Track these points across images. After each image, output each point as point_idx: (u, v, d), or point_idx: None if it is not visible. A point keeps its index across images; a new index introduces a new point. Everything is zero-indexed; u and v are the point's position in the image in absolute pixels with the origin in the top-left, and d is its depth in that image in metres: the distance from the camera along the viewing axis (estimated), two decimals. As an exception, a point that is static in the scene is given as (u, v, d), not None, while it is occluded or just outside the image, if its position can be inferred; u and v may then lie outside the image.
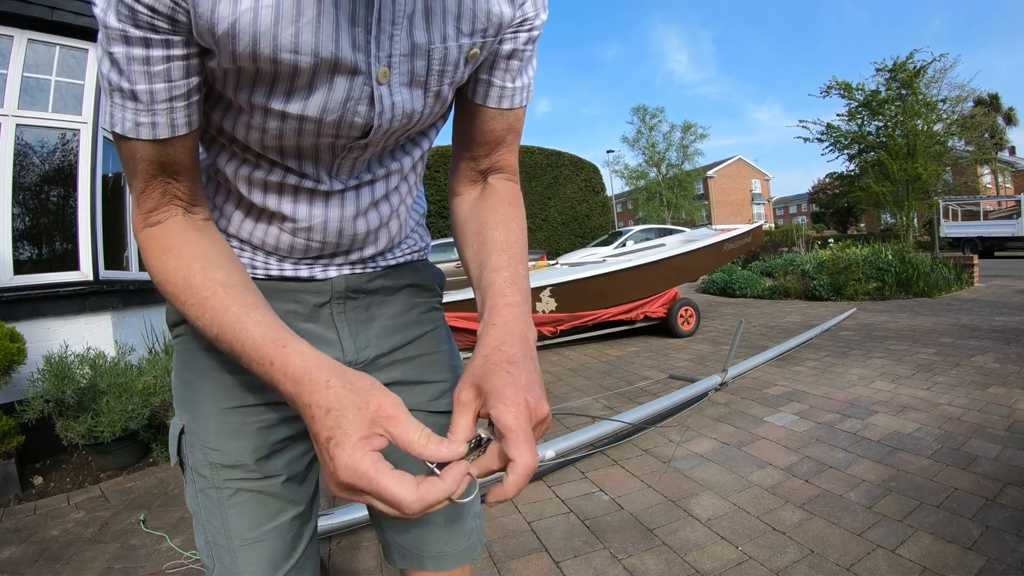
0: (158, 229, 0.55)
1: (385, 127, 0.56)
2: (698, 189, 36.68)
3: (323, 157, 0.58)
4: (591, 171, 18.86)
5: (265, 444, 0.64)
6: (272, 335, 0.50)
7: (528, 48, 0.61)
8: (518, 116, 0.66)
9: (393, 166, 0.64)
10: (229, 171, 0.60)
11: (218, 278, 0.53)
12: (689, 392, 3.07)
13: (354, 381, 0.47)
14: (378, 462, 0.43)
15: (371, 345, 0.70)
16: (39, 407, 2.64)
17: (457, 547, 0.73)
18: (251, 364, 0.50)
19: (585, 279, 5.26)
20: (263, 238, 0.64)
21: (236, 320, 0.51)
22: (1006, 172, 29.02)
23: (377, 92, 0.53)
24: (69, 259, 3.58)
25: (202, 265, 0.53)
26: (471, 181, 0.71)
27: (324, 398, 0.45)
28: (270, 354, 0.49)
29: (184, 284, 0.53)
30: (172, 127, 0.49)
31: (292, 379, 0.47)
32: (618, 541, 1.84)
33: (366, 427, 0.44)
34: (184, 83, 0.48)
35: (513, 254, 0.64)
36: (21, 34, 3.26)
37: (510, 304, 0.58)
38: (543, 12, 0.60)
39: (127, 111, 0.48)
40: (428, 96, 0.57)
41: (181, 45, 0.46)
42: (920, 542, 1.66)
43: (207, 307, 0.52)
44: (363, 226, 0.65)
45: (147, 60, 0.45)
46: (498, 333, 0.54)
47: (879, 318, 5.90)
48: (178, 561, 1.90)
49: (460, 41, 0.54)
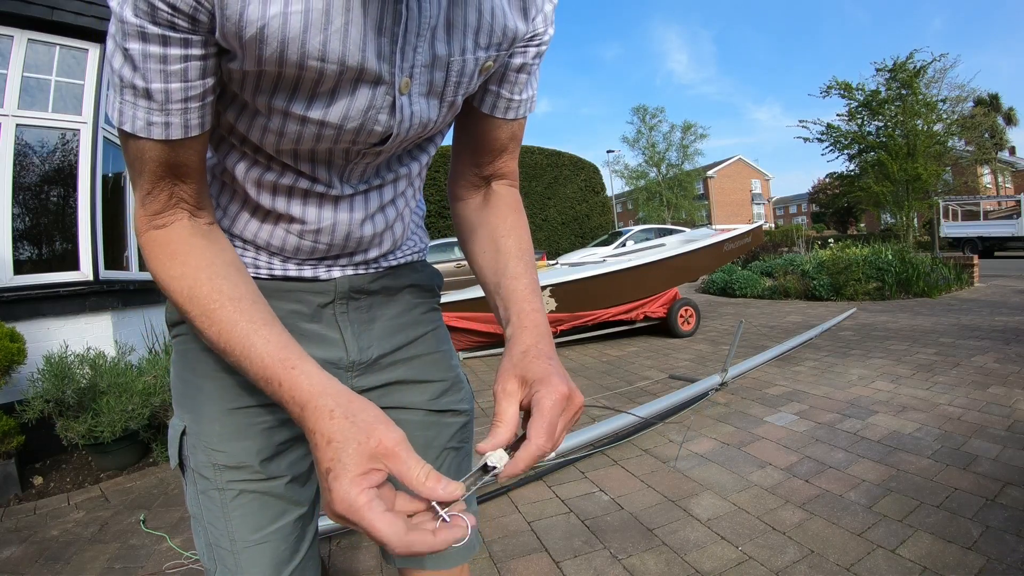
0: (163, 232, 0.55)
1: (403, 135, 0.58)
2: (698, 189, 36.67)
3: (336, 162, 0.59)
4: (591, 171, 18.87)
5: (269, 445, 0.64)
6: (281, 355, 0.50)
7: (535, 62, 0.64)
8: (521, 125, 0.69)
9: (402, 171, 0.65)
10: (239, 172, 0.59)
11: (225, 290, 0.52)
12: (689, 392, 3.07)
13: (357, 413, 0.47)
14: (372, 500, 0.43)
15: (374, 345, 0.71)
16: (39, 407, 2.64)
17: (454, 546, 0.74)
18: (258, 382, 0.50)
19: (585, 279, 5.26)
20: (268, 239, 0.64)
21: (244, 336, 0.50)
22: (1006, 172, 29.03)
23: (399, 102, 0.54)
24: (69, 259, 3.58)
25: (208, 276, 0.53)
26: (474, 186, 0.73)
27: (327, 428, 0.45)
28: (279, 375, 0.49)
29: (188, 294, 0.52)
30: (185, 128, 0.49)
31: (299, 403, 0.48)
32: (618, 541, 1.84)
33: (365, 463, 0.44)
34: (200, 84, 0.48)
35: (528, 262, 0.67)
36: (21, 34, 3.26)
37: (536, 310, 0.62)
38: (551, 28, 0.62)
39: (139, 109, 0.47)
40: (443, 106, 0.59)
41: (200, 45, 0.45)
42: (920, 542, 1.66)
43: (214, 320, 0.51)
44: (370, 229, 0.66)
45: (164, 59, 0.45)
46: (532, 335, 0.58)
47: (879, 318, 5.90)
48: (178, 561, 1.90)
49: (477, 54, 0.56)
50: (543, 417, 0.50)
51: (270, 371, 0.49)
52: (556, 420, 0.51)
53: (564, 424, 0.52)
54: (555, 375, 0.53)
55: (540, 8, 0.59)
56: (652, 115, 33.90)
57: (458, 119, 0.69)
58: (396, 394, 0.73)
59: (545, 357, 0.55)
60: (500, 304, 0.64)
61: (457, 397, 0.77)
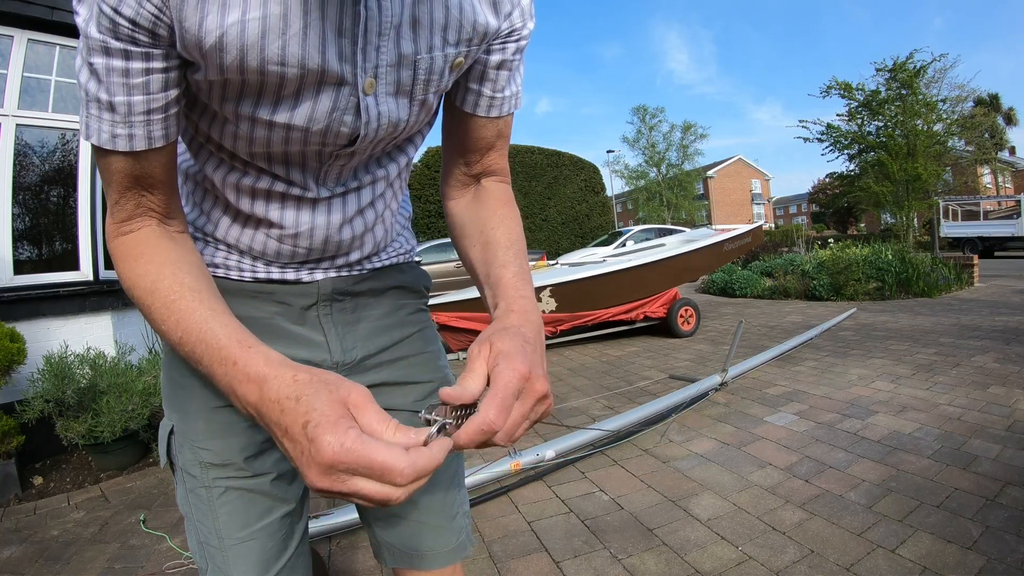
0: (131, 237, 0.55)
1: (371, 136, 0.57)
2: (698, 189, 36.68)
3: (310, 164, 0.59)
4: (591, 171, 18.84)
5: (253, 443, 0.65)
6: (238, 336, 0.49)
7: (516, 58, 0.63)
8: (507, 123, 0.68)
9: (379, 173, 0.65)
10: (217, 178, 0.60)
11: (187, 283, 0.52)
12: (689, 392, 3.07)
13: (320, 374, 0.46)
14: (362, 434, 0.41)
15: (358, 346, 0.71)
16: (39, 407, 2.64)
17: (447, 545, 0.74)
18: (212, 365, 0.48)
19: (585, 279, 5.26)
20: (250, 244, 0.64)
21: (202, 321, 0.50)
22: (1006, 172, 29.02)
23: (363, 102, 0.54)
24: (69, 259, 3.58)
25: (172, 271, 0.53)
26: (464, 185, 0.73)
27: (293, 390, 0.44)
28: (234, 354, 0.47)
29: (151, 288, 0.52)
30: (149, 140, 0.49)
31: (257, 378, 0.45)
32: (618, 541, 1.84)
33: (341, 408, 0.43)
34: (163, 96, 0.48)
35: (517, 251, 0.66)
36: (21, 34, 3.26)
37: (525, 297, 0.60)
38: (530, 21, 0.61)
39: (103, 122, 0.48)
40: (413, 104, 0.58)
41: (161, 58, 0.47)
42: (920, 542, 1.66)
43: (173, 310, 0.51)
44: (348, 233, 0.66)
45: (126, 72, 0.46)
46: (518, 318, 0.56)
47: (879, 318, 5.90)
48: (178, 561, 1.90)
49: (446, 51, 0.55)
50: (496, 392, 0.46)
51: (226, 351, 0.48)
52: (510, 398, 0.47)
53: (522, 411, 0.48)
54: (520, 354, 0.49)
55: (516, 2, 0.58)
56: (652, 115, 33.92)
57: (444, 119, 0.69)
58: (382, 396, 0.73)
59: (521, 338, 0.52)
60: (489, 293, 0.64)
61: None
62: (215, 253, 0.66)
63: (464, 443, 0.45)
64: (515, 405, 0.48)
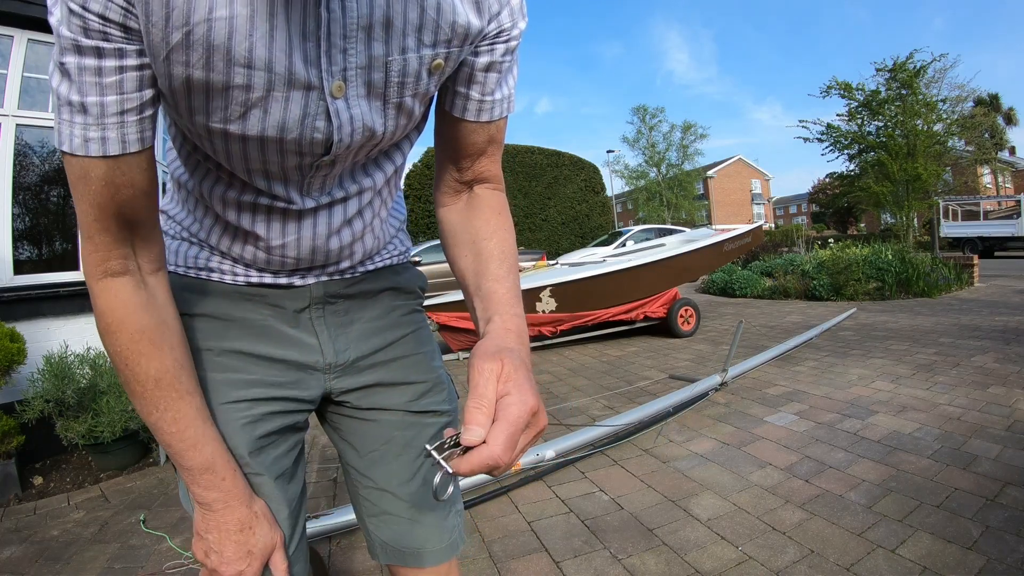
0: (112, 288, 0.54)
1: (347, 142, 0.56)
2: (698, 189, 36.64)
3: (292, 176, 0.58)
4: (591, 171, 18.85)
5: (252, 439, 0.65)
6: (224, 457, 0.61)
7: (506, 59, 0.60)
8: (499, 127, 0.65)
9: (366, 183, 0.64)
10: (205, 189, 0.60)
11: (165, 380, 0.57)
12: (689, 392, 3.07)
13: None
14: None
15: (351, 348, 0.71)
16: (39, 407, 2.64)
17: (440, 543, 0.75)
18: (196, 466, 0.59)
19: (585, 279, 5.26)
20: (240, 253, 0.65)
21: (201, 432, 0.59)
22: (1006, 172, 29.00)
23: (332, 107, 0.52)
24: (69, 259, 3.59)
25: (148, 359, 0.56)
26: (456, 192, 0.71)
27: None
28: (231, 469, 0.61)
29: (130, 369, 0.56)
30: (123, 143, 0.47)
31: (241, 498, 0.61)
32: (618, 541, 1.84)
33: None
34: (137, 96, 0.47)
35: (510, 265, 0.66)
36: (21, 34, 3.26)
37: (518, 315, 0.61)
38: (521, 21, 0.59)
39: (75, 126, 0.46)
40: (389, 108, 0.56)
41: (134, 55, 0.45)
42: (920, 542, 1.66)
43: (168, 407, 0.57)
44: (336, 243, 0.65)
45: (99, 71, 0.44)
46: (516, 339, 0.57)
47: (879, 318, 5.90)
48: (178, 561, 1.90)
49: (421, 52, 0.53)
50: (508, 425, 0.47)
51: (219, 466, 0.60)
52: (518, 434, 0.48)
53: (525, 442, 0.50)
54: (528, 384, 0.50)
55: (504, 2, 0.56)
56: (652, 115, 33.88)
57: (435, 124, 0.67)
58: (376, 396, 0.74)
59: (525, 367, 0.52)
60: (479, 305, 0.63)
61: (439, 398, 0.77)
62: (210, 258, 0.66)
63: (466, 473, 0.47)
64: (521, 436, 0.49)
